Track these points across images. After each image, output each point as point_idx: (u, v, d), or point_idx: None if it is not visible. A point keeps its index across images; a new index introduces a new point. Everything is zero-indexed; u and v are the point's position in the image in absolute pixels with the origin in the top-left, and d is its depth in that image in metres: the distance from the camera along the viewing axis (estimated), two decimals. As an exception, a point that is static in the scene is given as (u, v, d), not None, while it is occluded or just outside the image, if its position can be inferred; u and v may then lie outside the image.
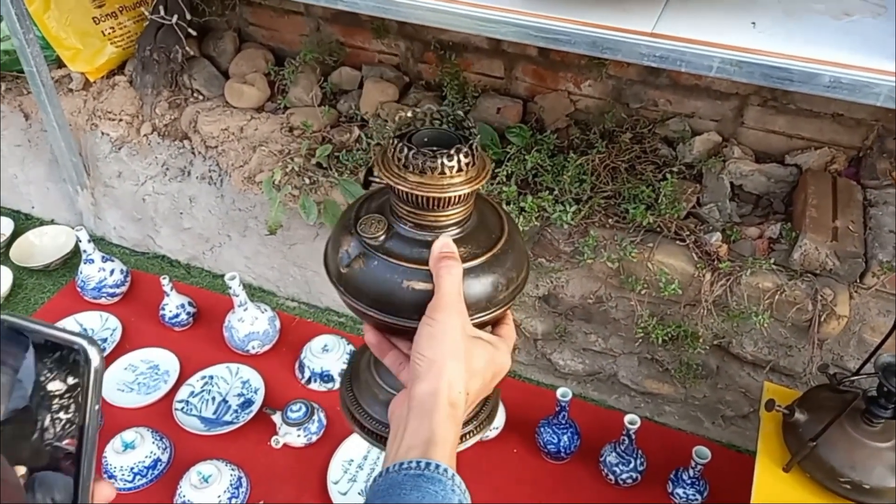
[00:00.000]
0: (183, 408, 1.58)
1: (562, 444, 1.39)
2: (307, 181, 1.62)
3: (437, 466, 0.51)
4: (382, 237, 0.60)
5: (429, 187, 0.57)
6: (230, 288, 1.59)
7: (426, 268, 0.58)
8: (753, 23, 1.04)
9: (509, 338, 0.63)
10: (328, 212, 1.58)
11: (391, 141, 0.59)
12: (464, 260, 0.59)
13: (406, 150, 0.57)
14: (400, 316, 0.59)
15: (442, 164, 0.56)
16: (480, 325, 0.60)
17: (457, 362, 0.55)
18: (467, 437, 0.70)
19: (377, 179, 0.64)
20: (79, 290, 1.84)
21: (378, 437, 0.67)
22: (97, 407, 0.44)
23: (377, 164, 0.60)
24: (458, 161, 0.57)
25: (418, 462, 0.51)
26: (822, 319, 1.26)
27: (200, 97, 1.91)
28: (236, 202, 1.79)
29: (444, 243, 0.58)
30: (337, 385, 1.60)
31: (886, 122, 1.39)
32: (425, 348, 0.55)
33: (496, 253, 0.61)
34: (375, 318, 0.60)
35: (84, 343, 0.42)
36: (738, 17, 1.05)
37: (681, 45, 1.01)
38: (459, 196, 0.58)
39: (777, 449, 1.13)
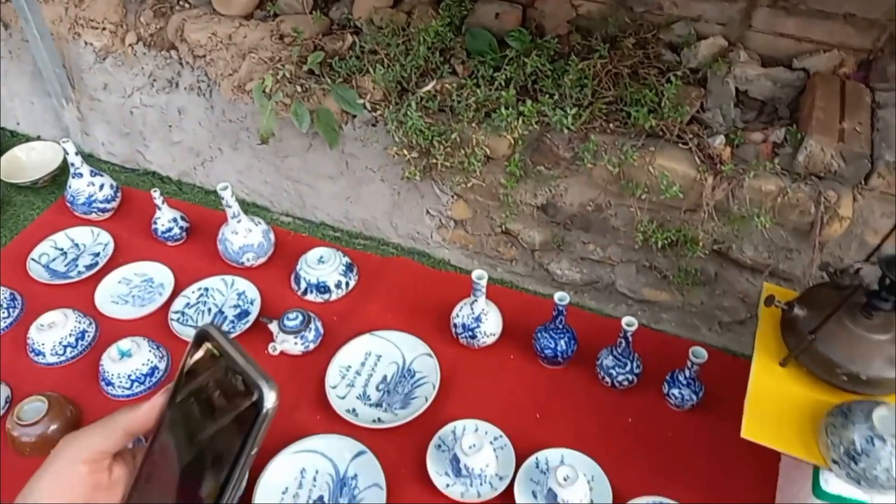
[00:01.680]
0: (179, 318, 1.57)
1: (559, 348, 1.39)
2: (299, 89, 1.57)
3: None
4: None
5: None
6: (223, 199, 1.56)
7: None
8: None
9: None
10: (321, 120, 1.54)
11: None
12: None
13: None
14: None
15: None
16: None
17: None
18: None
19: None
20: (68, 205, 1.80)
21: None
22: (255, 451, 0.45)
23: None
24: None
25: None
26: (825, 222, 1.25)
27: (187, 5, 1.83)
28: (227, 113, 1.74)
29: None
30: (334, 296, 1.59)
31: (899, 23, 1.35)
32: None
33: None
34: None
35: (264, 386, 0.43)
36: None
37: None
38: None
39: (774, 345, 1.13)
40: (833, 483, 0.98)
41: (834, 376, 1.05)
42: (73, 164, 1.73)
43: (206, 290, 1.64)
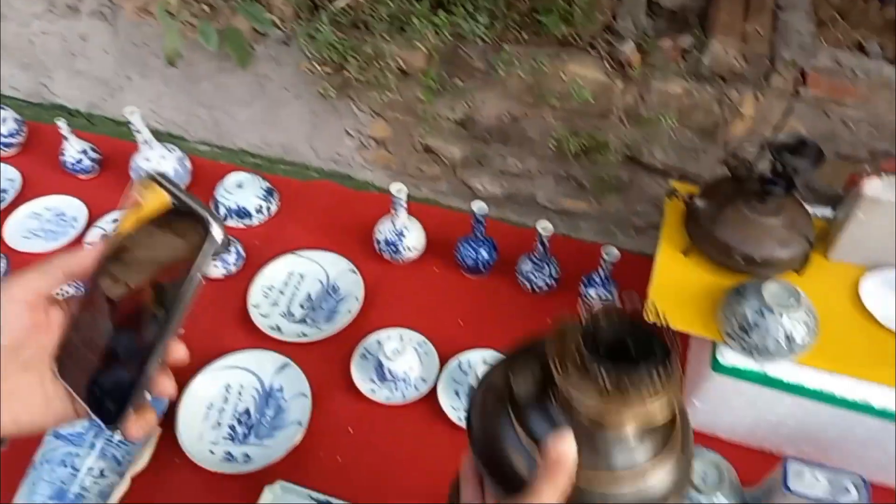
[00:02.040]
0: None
1: (479, 258, 1.42)
2: (206, 8, 1.52)
3: None
4: (528, 387, 0.51)
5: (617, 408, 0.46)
6: (131, 124, 1.51)
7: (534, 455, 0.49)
8: None
9: None
10: (230, 39, 1.49)
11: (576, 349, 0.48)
12: (586, 469, 0.48)
13: (598, 367, 0.46)
14: (491, 475, 0.51)
15: (640, 384, 0.45)
16: None
17: None
18: None
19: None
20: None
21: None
22: (200, 280, 0.46)
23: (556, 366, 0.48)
24: (657, 379, 0.46)
25: None
26: (729, 121, 1.29)
27: (83, -78, 1.73)
28: (132, 37, 1.66)
29: (565, 448, 0.47)
30: (255, 221, 1.57)
31: (799, -72, 1.38)
32: None
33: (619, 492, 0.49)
34: (479, 469, 0.52)
35: (210, 217, 0.45)
36: None
37: None
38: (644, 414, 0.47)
39: (678, 236, 1.18)
40: (729, 356, 1.04)
41: (731, 259, 1.10)
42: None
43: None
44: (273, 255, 1.50)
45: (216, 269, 1.44)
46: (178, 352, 0.51)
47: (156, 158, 1.58)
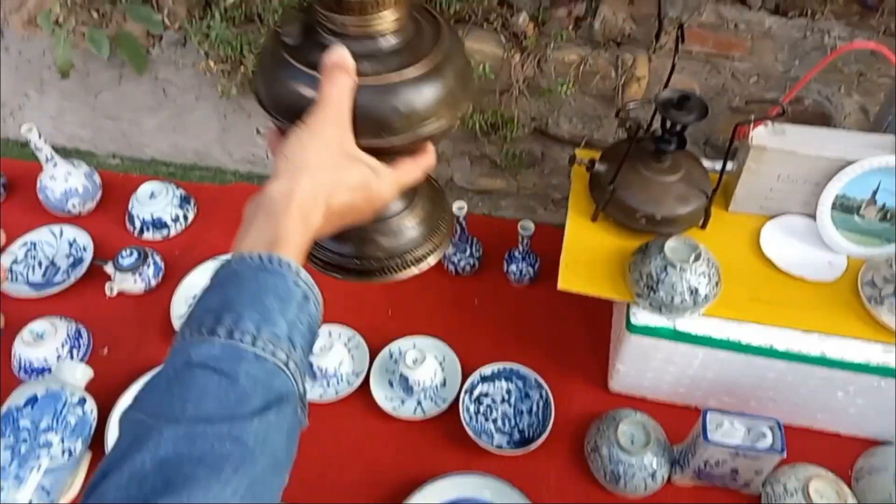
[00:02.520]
0: (8, 277, 1.48)
1: (401, 245, 1.42)
2: (95, 14, 1.47)
3: (280, 261, 0.50)
4: (297, 36, 0.57)
5: None
6: (31, 143, 1.46)
7: (317, 74, 0.55)
8: None
9: (402, 173, 0.60)
10: (123, 44, 1.45)
11: None
12: (365, 75, 0.55)
13: None
14: (288, 120, 0.56)
15: None
16: (375, 152, 0.57)
17: (321, 171, 0.53)
18: (416, 262, 0.72)
19: None
20: None
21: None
22: None
23: None
24: None
25: (260, 256, 0.50)
26: (624, 84, 1.31)
27: (-43, -62, 1.65)
28: (23, 52, 1.60)
29: (339, 54, 0.54)
30: (172, 231, 1.54)
31: None
32: (291, 151, 0.53)
33: (410, 79, 0.56)
34: (270, 118, 0.59)
35: None
36: None
37: None
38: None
39: (585, 204, 1.20)
40: (641, 315, 1.07)
41: (634, 221, 1.13)
42: None
43: (34, 243, 1.55)
44: (195, 263, 1.47)
45: (135, 285, 1.41)
46: None
47: (62, 175, 1.53)
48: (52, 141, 1.68)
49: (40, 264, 1.52)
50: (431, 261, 0.73)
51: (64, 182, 1.53)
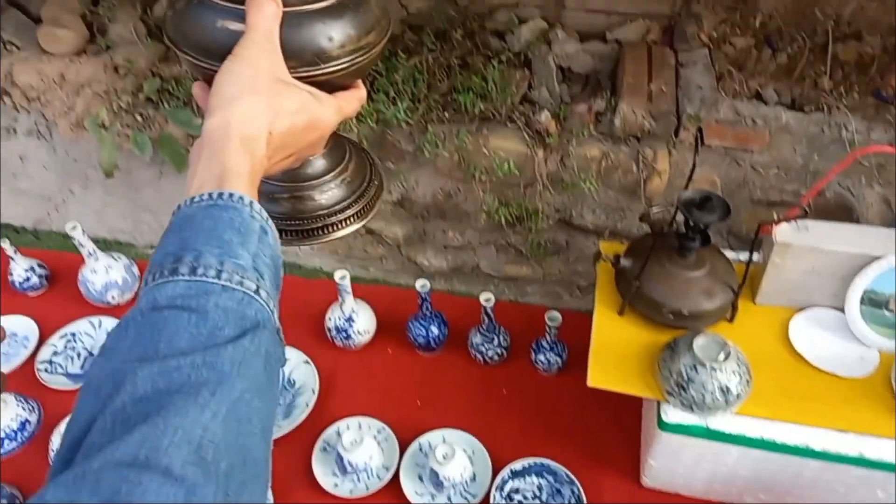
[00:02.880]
0: (46, 368, 1.52)
1: (430, 335, 1.44)
2: (139, 118, 1.56)
3: (232, 195, 0.48)
4: None
5: None
6: (74, 239, 1.52)
7: (243, 7, 0.54)
8: None
9: (343, 99, 0.60)
10: (165, 146, 1.52)
11: None
12: (291, 4, 0.55)
13: None
14: (215, 59, 0.55)
15: None
16: (312, 83, 0.58)
17: (256, 97, 0.51)
18: (347, 222, 0.71)
19: None
20: (-87, 273, 1.71)
21: None
22: None
23: None
24: None
25: (210, 193, 0.48)
26: (646, 178, 1.34)
27: (13, 48, 1.77)
28: (70, 153, 1.69)
29: None
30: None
31: (691, -12, 1.48)
32: (222, 84, 0.52)
33: (334, 4, 0.58)
34: (194, 63, 0.57)
35: None
36: None
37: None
38: None
39: (612, 297, 1.21)
40: (672, 413, 1.07)
41: (661, 315, 1.14)
42: None
43: (74, 335, 1.59)
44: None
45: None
46: None
47: (102, 269, 1.59)
48: (94, 233, 1.76)
49: (79, 355, 1.56)
50: (358, 223, 0.73)
51: (105, 275, 1.59)
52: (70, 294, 1.70)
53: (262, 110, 0.51)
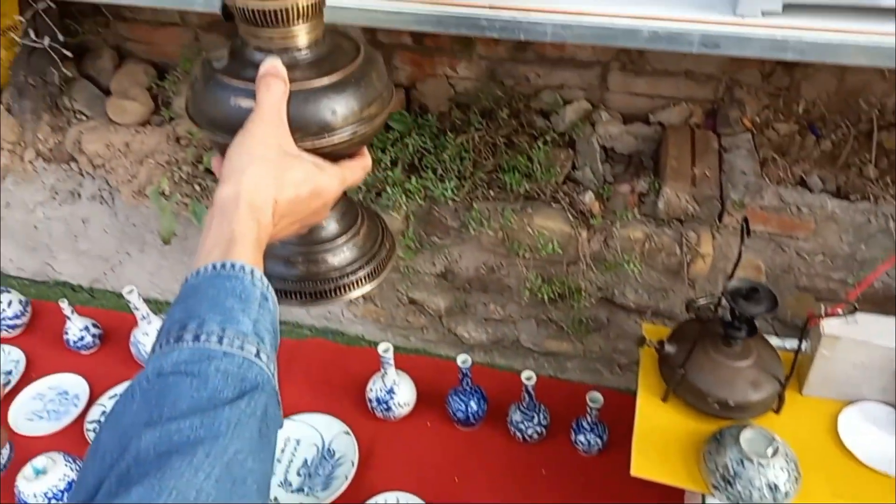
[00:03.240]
0: (95, 428, 1.57)
1: (470, 410, 1.44)
2: (197, 188, 1.63)
3: (234, 265, 0.51)
4: (225, 60, 0.63)
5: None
6: (130, 302, 1.59)
7: (253, 87, 0.60)
8: (582, -11, 1.12)
9: (348, 168, 0.64)
10: (221, 215, 1.59)
11: None
12: (297, 81, 0.60)
13: None
14: (229, 134, 0.59)
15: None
16: (318, 153, 0.62)
17: (264, 169, 0.56)
18: (358, 283, 0.75)
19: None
20: (-25, 323, 1.79)
21: None
22: None
23: None
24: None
25: (214, 265, 0.51)
26: (690, 261, 1.35)
27: (83, 117, 1.88)
28: (130, 218, 1.77)
29: (271, 63, 0.60)
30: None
31: (733, 74, 1.50)
32: (233, 155, 0.56)
33: (337, 81, 0.63)
34: (212, 138, 0.63)
35: None
36: (569, -15, 1.12)
37: (516, 15, 1.08)
38: (292, 9, 0.60)
39: (655, 382, 1.21)
40: (717, 507, 1.05)
41: (707, 405, 1.13)
42: None
43: (122, 395, 1.64)
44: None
45: (213, 442, 1.47)
46: None
47: (154, 331, 1.65)
48: (146, 293, 1.82)
49: (126, 416, 1.60)
50: (369, 285, 0.77)
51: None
52: (121, 354, 1.75)
53: (269, 181, 0.56)
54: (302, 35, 0.63)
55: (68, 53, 1.85)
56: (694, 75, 1.52)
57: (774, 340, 1.24)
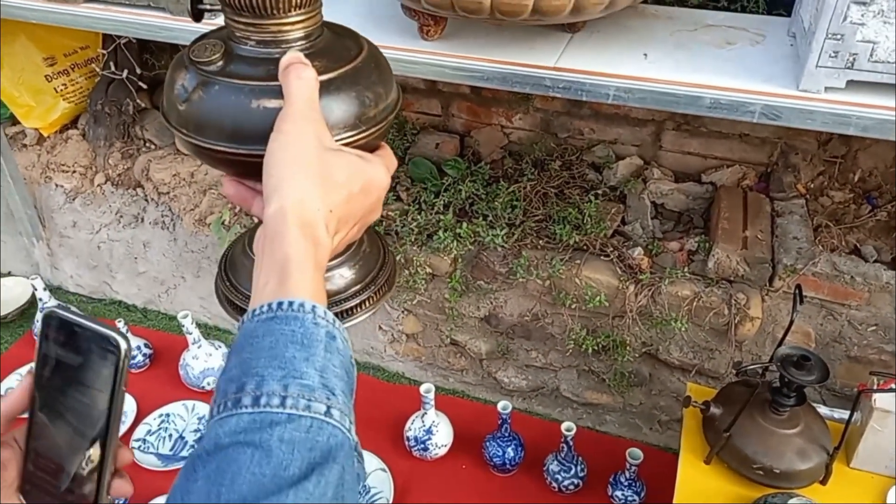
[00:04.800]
0: (140, 446, 1.61)
1: (507, 456, 1.45)
2: (255, 219, 1.69)
3: (291, 304, 0.45)
4: (220, 62, 0.54)
5: None
6: (184, 327, 1.64)
7: (277, 83, 0.52)
8: (645, 54, 1.15)
9: (386, 157, 0.58)
10: (276, 248, 1.65)
11: None
12: (318, 73, 0.53)
13: None
14: (253, 143, 0.52)
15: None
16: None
17: (307, 176, 0.49)
18: (358, 308, 0.66)
19: (207, 5, 0.58)
20: (35, 339, 1.86)
21: None
22: (123, 388, 0.48)
23: None
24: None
25: (269, 305, 0.45)
26: (738, 322, 1.35)
27: (152, 146, 1.98)
28: (189, 244, 1.84)
29: (293, 55, 0.53)
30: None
31: (789, 140, 1.52)
32: (272, 165, 0.49)
33: (357, 66, 0.57)
34: (226, 151, 0.54)
35: (114, 335, 0.47)
36: (632, 51, 1.16)
37: (580, 77, 1.11)
38: None
39: (698, 443, 1.20)
40: (759, 578, 1.03)
41: (751, 471, 1.12)
42: (41, 300, 1.81)
43: (168, 416, 1.69)
44: (308, 450, 1.55)
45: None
46: (125, 456, 0.52)
47: (203, 356, 1.70)
48: (198, 318, 1.88)
49: (171, 437, 1.65)
50: (370, 308, 0.68)
51: (204, 362, 1.69)
52: (169, 375, 1.80)
53: (315, 189, 0.49)
54: (301, 25, 0.56)
55: (143, 85, 1.96)
56: (749, 138, 1.54)
57: (822, 409, 1.23)
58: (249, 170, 0.53)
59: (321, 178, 0.49)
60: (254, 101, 0.52)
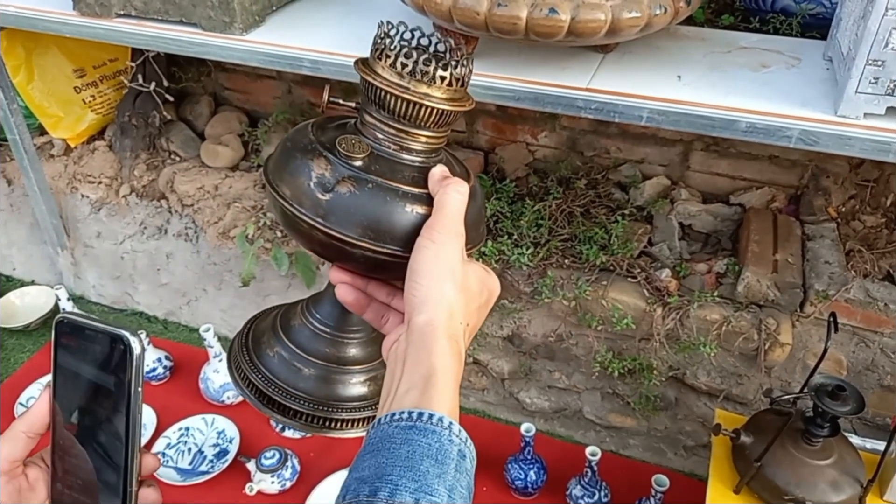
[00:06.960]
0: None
1: (529, 479, 1.43)
2: (279, 234, 1.69)
3: (431, 416, 0.46)
4: (365, 159, 0.55)
5: (415, 94, 0.54)
6: (205, 340, 1.64)
7: (424, 190, 0.55)
8: (679, 76, 1.14)
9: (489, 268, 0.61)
10: (300, 262, 1.65)
11: (381, 37, 0.56)
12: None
13: (401, 47, 0.55)
14: (395, 244, 0.54)
15: (438, 70, 0.54)
16: None
17: (455, 288, 0.51)
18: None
19: (339, 103, 0.60)
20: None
21: (278, 404, 0.66)
22: (140, 389, 0.49)
23: (358, 66, 0.57)
24: (454, 72, 0.55)
25: (410, 413, 0.46)
26: (768, 347, 1.33)
27: (177, 158, 1.99)
28: (212, 257, 1.85)
29: (444, 168, 0.56)
30: (311, 432, 1.63)
31: (820, 162, 1.50)
32: (423, 274, 0.50)
33: (472, 185, 0.59)
34: (365, 247, 0.54)
35: (126, 333, 0.48)
36: (666, 72, 1.15)
37: (613, 98, 1.10)
38: (447, 112, 0.56)
39: (727, 472, 1.18)
40: None
41: (782, 502, 1.10)
42: (63, 310, 1.82)
43: (187, 429, 1.68)
44: (328, 468, 1.54)
45: (272, 485, 1.49)
46: (151, 462, 0.53)
47: (224, 369, 1.70)
48: (219, 331, 1.88)
49: (189, 450, 1.64)
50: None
51: (224, 376, 1.68)
52: (189, 388, 1.80)
53: (461, 303, 0.51)
54: (437, 142, 0.58)
55: (170, 97, 1.98)
56: (779, 160, 1.52)
57: (854, 439, 1.20)
58: (375, 267, 0.56)
59: (463, 293, 0.51)
60: (407, 206, 0.54)
